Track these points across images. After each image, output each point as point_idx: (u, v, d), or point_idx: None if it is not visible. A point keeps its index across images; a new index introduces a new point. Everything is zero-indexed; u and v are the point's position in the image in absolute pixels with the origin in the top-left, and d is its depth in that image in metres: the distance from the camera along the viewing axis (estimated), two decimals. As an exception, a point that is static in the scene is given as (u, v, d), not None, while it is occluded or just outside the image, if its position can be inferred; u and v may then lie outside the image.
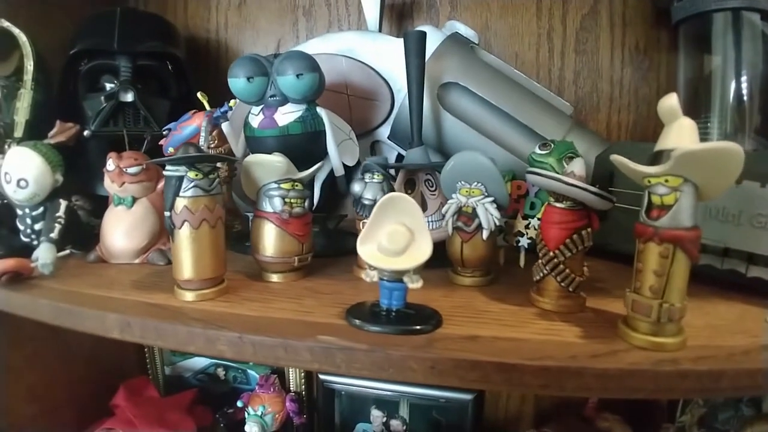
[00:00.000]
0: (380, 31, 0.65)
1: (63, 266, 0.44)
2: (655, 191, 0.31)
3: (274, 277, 0.43)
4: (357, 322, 0.34)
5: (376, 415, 0.66)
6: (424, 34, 0.49)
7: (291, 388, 0.69)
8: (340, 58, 0.60)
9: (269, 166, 0.42)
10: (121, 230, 0.46)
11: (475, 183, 0.41)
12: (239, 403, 0.65)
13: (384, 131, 0.61)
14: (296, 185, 0.43)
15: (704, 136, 0.55)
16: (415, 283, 0.34)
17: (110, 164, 0.45)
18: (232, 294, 0.40)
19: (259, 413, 0.60)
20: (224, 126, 0.51)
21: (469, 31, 0.60)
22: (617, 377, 0.30)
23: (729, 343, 0.32)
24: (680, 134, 0.30)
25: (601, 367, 0.30)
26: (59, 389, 0.62)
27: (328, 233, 0.56)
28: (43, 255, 0.41)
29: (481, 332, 0.34)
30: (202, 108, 0.50)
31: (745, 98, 0.53)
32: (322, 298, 0.39)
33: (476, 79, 0.54)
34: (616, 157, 0.33)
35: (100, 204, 0.49)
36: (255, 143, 0.48)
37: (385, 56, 0.60)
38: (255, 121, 0.47)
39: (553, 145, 0.46)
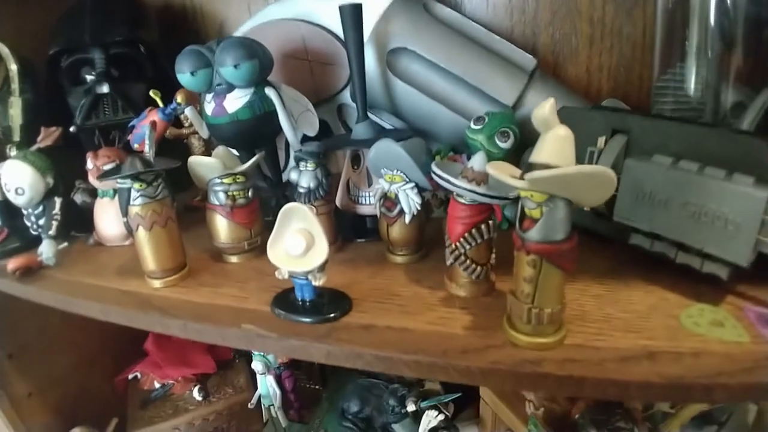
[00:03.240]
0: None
1: (67, 252, 0.52)
2: (525, 204, 0.31)
3: (232, 258, 0.49)
4: (276, 311, 0.40)
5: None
6: (359, 7, 0.48)
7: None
8: (298, 23, 0.60)
9: (207, 166, 0.46)
10: (109, 219, 0.53)
11: (396, 170, 0.43)
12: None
13: (347, 92, 0.61)
14: (238, 178, 0.47)
15: (681, 84, 0.50)
16: (318, 281, 0.38)
17: (89, 163, 0.52)
18: (191, 278, 0.47)
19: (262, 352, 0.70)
20: (188, 110, 0.55)
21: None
22: (478, 374, 0.33)
23: (611, 344, 0.33)
24: (555, 146, 0.30)
25: (464, 364, 0.33)
26: (95, 340, 0.77)
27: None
28: (46, 250, 0.49)
29: (379, 321, 0.38)
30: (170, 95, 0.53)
31: (728, 42, 0.47)
32: (263, 280, 0.45)
33: (426, 42, 0.53)
34: (490, 170, 0.33)
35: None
36: (212, 129, 0.52)
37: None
38: (208, 108, 0.51)
39: (486, 119, 0.46)
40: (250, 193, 0.48)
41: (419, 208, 0.43)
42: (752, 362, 0.31)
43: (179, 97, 0.51)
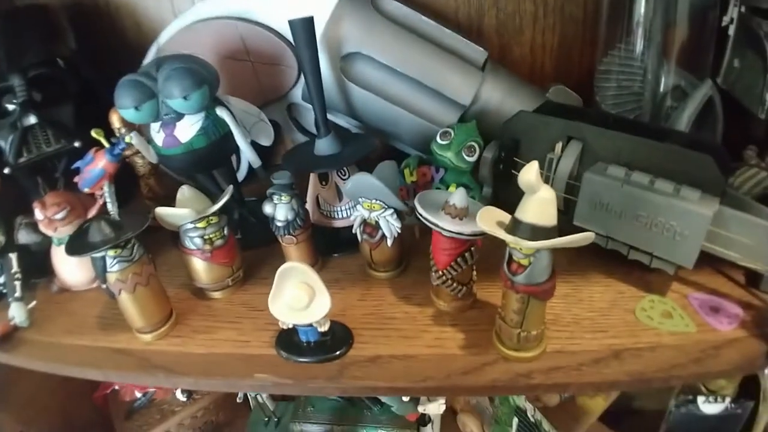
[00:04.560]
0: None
1: (36, 308, 0.50)
2: (515, 253, 0.35)
3: (215, 294, 0.49)
4: (284, 354, 0.42)
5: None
6: (310, 21, 0.45)
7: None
8: (235, 21, 0.55)
9: (177, 216, 0.44)
10: (70, 266, 0.50)
11: (375, 199, 0.44)
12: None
13: (296, 92, 0.59)
14: (212, 219, 0.46)
15: (623, 68, 0.53)
16: (322, 327, 0.40)
17: (38, 214, 0.48)
18: (182, 325, 0.47)
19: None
20: (134, 138, 0.51)
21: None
22: (482, 390, 0.39)
23: (585, 347, 0.39)
24: (540, 207, 0.33)
25: (467, 384, 0.38)
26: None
27: (261, 219, 0.57)
28: (17, 313, 0.47)
29: (382, 350, 0.41)
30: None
31: (669, 24, 0.50)
32: (257, 318, 0.46)
33: (378, 45, 0.51)
34: (479, 219, 0.35)
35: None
36: (165, 161, 0.49)
37: (286, 16, 0.55)
38: (158, 138, 0.48)
39: (453, 134, 0.47)
40: (226, 231, 0.47)
41: (399, 231, 0.45)
42: (700, 352, 0.38)
43: (128, 138, 0.47)
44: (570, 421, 0.58)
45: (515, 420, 0.62)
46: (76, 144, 0.54)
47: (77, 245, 0.42)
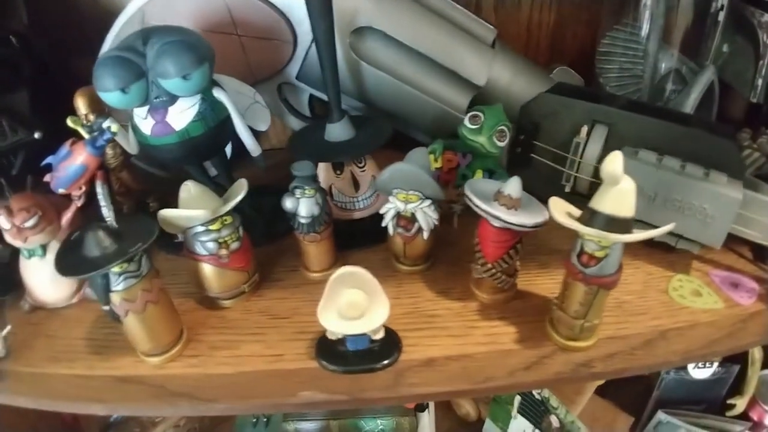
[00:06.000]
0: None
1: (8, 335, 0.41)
2: (588, 245, 0.34)
3: (226, 303, 0.44)
4: (331, 366, 0.38)
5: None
6: (328, -9, 0.40)
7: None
8: (219, -12, 0.48)
9: (189, 219, 0.38)
10: (45, 282, 0.42)
11: (410, 190, 0.41)
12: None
13: (291, 70, 0.53)
14: (225, 220, 0.40)
15: (631, 46, 0.54)
16: (377, 335, 0.37)
17: (3, 222, 0.39)
18: (195, 342, 0.41)
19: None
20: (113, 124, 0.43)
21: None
22: (545, 383, 0.38)
23: (632, 331, 0.40)
24: (621, 199, 0.32)
25: (532, 380, 0.37)
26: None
27: (263, 215, 0.52)
28: None
29: (434, 352, 0.39)
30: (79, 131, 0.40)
31: (672, 8, 0.51)
32: (282, 327, 0.42)
33: (391, 18, 0.47)
34: (552, 211, 0.34)
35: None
36: (153, 151, 0.42)
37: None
38: (145, 126, 0.41)
39: (482, 117, 0.45)
40: (241, 231, 0.41)
41: (437, 223, 0.43)
42: (731, 327, 0.40)
43: (114, 127, 0.38)
44: (573, 395, 0.61)
45: (517, 398, 0.63)
46: (36, 135, 0.44)
47: (71, 262, 0.34)
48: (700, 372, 0.57)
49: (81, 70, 0.52)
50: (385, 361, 0.38)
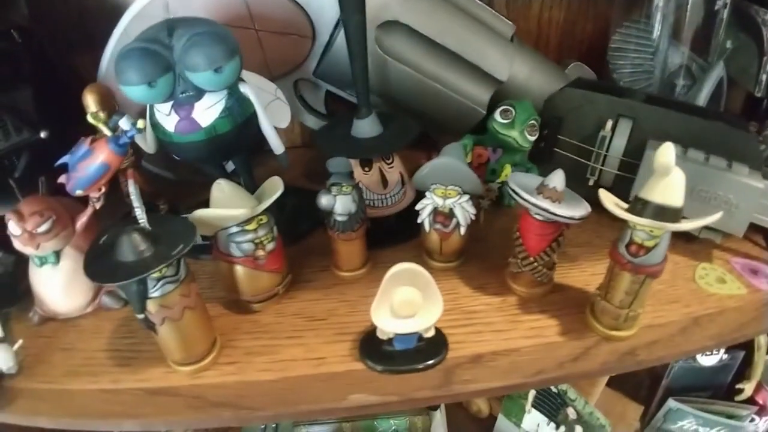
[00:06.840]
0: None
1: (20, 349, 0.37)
2: (638, 235, 0.34)
3: (256, 306, 0.42)
4: (379, 367, 0.37)
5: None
6: (364, -19, 0.39)
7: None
8: (237, -21, 0.46)
9: (227, 219, 0.36)
10: (58, 291, 0.39)
11: (449, 185, 0.40)
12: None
13: (308, 66, 0.51)
14: (261, 219, 0.38)
15: (643, 42, 0.55)
16: (428, 333, 0.36)
17: (14, 228, 0.35)
18: (229, 348, 0.39)
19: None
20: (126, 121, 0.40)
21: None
22: (594, 374, 0.38)
23: (669, 319, 0.40)
24: (672, 188, 0.32)
25: (580, 371, 0.37)
26: None
27: (285, 215, 0.49)
28: (4, 359, 0.35)
29: (480, 348, 0.39)
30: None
31: (682, 5, 0.53)
32: (320, 329, 0.40)
33: (418, 13, 0.46)
34: (604, 202, 0.34)
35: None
36: (176, 149, 0.40)
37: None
38: (168, 123, 0.38)
39: (513, 112, 0.45)
40: (275, 231, 0.40)
41: (474, 218, 0.42)
42: (755, 311, 0.42)
43: (140, 123, 0.36)
44: (588, 387, 0.61)
45: (532, 392, 0.64)
46: (42, 135, 0.41)
47: (104, 268, 0.31)
48: (708, 359, 0.59)
49: (84, 66, 0.49)
50: (435, 360, 0.37)
